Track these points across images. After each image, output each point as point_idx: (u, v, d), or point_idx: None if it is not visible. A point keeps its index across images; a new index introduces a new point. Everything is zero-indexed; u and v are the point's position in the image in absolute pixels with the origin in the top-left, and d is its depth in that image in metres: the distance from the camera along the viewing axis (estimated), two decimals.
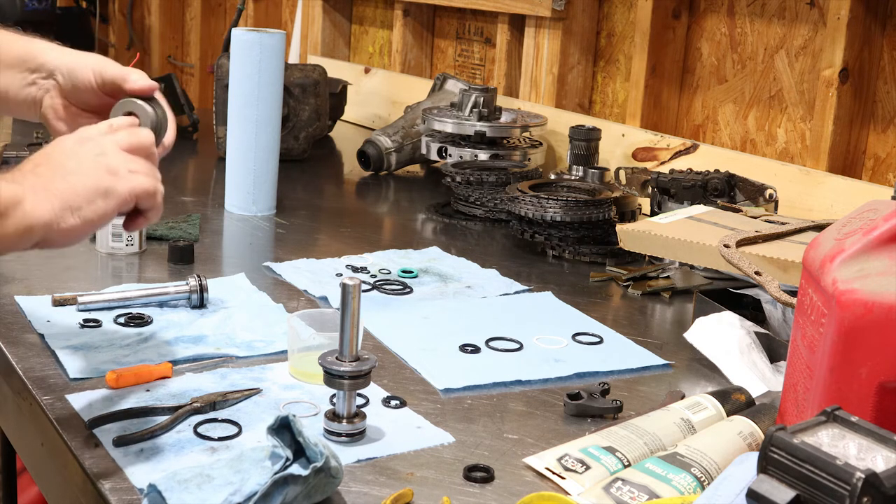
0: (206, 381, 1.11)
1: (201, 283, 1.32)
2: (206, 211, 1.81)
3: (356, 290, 0.97)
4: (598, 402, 1.10)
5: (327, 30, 3.09)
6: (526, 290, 1.49)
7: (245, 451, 0.89)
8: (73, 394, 1.06)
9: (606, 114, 2.29)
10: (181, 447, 0.96)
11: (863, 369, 0.89)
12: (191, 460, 0.94)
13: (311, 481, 0.85)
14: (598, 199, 1.68)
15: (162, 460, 0.94)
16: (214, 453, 0.96)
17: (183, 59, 4.17)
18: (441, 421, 1.06)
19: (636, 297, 1.51)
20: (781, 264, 1.28)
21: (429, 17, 2.79)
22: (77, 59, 1.15)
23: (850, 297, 0.89)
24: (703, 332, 1.26)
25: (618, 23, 2.25)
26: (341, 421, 1.00)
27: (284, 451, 0.86)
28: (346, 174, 2.33)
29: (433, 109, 2.18)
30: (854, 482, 0.69)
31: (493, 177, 1.88)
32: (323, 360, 0.99)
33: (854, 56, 1.74)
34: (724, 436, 0.98)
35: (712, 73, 2.08)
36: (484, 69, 2.64)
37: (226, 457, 0.91)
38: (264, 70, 1.77)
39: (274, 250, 1.66)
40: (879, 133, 1.79)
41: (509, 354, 1.25)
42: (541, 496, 0.85)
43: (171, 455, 0.95)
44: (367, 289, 1.44)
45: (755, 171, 1.80)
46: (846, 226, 0.96)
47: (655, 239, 1.43)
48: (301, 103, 2.27)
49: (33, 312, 1.26)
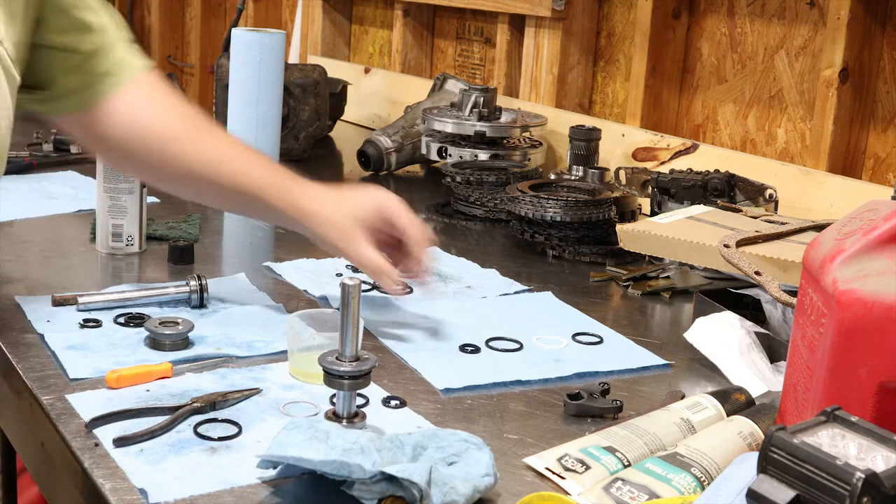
0: (206, 381, 1.11)
1: (201, 283, 1.32)
2: (206, 211, 1.81)
3: (356, 290, 0.97)
4: (598, 402, 1.10)
5: (327, 30, 3.09)
6: (526, 290, 1.49)
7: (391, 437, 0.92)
8: (73, 394, 1.06)
9: (606, 114, 2.29)
10: (181, 447, 0.96)
11: (863, 369, 0.89)
12: (191, 460, 0.94)
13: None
14: (598, 199, 1.68)
15: (162, 460, 0.94)
16: (214, 453, 0.96)
17: (183, 59, 4.17)
18: (441, 421, 1.06)
19: (636, 297, 1.51)
20: (781, 264, 1.28)
21: (429, 17, 2.79)
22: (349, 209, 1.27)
23: (850, 297, 0.89)
24: (703, 332, 1.26)
25: (618, 23, 2.25)
26: (341, 421, 1.00)
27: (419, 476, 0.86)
28: (346, 174, 2.33)
29: (433, 109, 2.18)
30: (854, 482, 0.69)
31: (493, 177, 1.88)
32: (323, 360, 0.99)
33: (854, 56, 1.74)
34: (724, 436, 0.98)
35: (712, 73, 2.08)
36: (484, 69, 2.64)
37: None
38: (264, 70, 1.77)
39: (274, 250, 1.66)
40: (879, 133, 1.79)
41: (509, 354, 1.25)
42: (541, 496, 0.85)
43: (171, 455, 0.95)
44: (367, 289, 1.44)
45: (755, 171, 1.80)
46: (846, 226, 0.96)
47: (655, 239, 1.43)
48: (301, 103, 2.27)
49: (33, 312, 1.26)
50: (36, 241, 1.58)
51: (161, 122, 1.31)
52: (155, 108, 1.31)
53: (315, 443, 0.88)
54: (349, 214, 1.26)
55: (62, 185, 1.90)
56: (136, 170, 1.43)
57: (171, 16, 4.17)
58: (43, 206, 1.76)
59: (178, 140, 1.30)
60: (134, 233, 1.53)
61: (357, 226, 1.25)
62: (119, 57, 1.29)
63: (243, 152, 1.33)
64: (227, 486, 0.90)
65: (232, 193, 1.31)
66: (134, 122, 1.29)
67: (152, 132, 1.30)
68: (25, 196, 1.80)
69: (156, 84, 1.33)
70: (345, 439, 0.89)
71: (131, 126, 1.29)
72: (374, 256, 1.25)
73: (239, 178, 1.30)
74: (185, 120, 1.32)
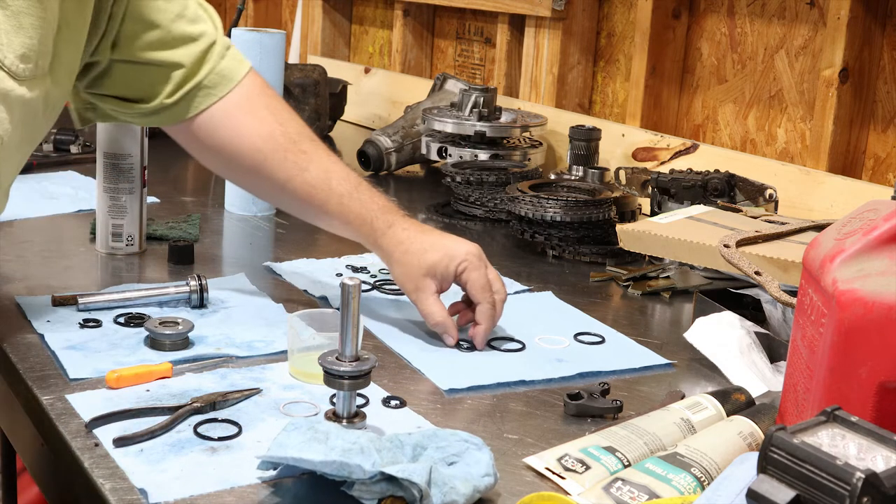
0: (206, 381, 1.11)
1: (201, 284, 1.32)
2: (206, 211, 1.81)
3: (356, 290, 0.97)
4: (598, 402, 1.10)
5: (327, 30, 3.09)
6: (526, 290, 1.49)
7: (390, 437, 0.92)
8: (73, 394, 1.06)
9: (606, 114, 2.29)
10: (181, 447, 0.96)
11: (863, 369, 0.89)
12: (191, 460, 0.94)
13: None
14: (598, 199, 1.68)
15: (162, 460, 0.94)
16: (214, 453, 0.96)
17: None
18: (441, 421, 1.06)
19: (636, 297, 1.51)
20: (781, 264, 1.28)
21: (429, 17, 2.79)
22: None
23: (850, 297, 0.89)
24: (703, 332, 1.26)
25: (618, 23, 2.25)
26: (341, 421, 1.00)
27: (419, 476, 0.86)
28: None
29: (433, 109, 2.18)
30: (854, 482, 0.69)
31: (493, 177, 1.88)
32: (323, 360, 0.99)
33: (854, 56, 1.74)
34: (724, 436, 0.98)
35: (712, 73, 2.08)
36: (484, 69, 2.64)
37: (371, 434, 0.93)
38: (264, 70, 1.76)
39: (274, 250, 1.66)
40: (879, 133, 1.79)
41: (512, 354, 1.25)
42: (541, 496, 0.85)
43: (171, 455, 0.95)
44: (367, 289, 1.44)
45: (755, 171, 1.80)
46: (846, 226, 0.96)
47: (655, 239, 1.43)
48: (301, 103, 2.27)
49: (33, 312, 1.26)
50: (36, 241, 1.58)
51: (254, 138, 1.31)
52: (250, 124, 1.31)
53: (315, 444, 0.88)
54: (423, 265, 1.27)
55: (62, 185, 1.90)
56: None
57: None
58: (43, 206, 1.76)
59: (268, 160, 1.31)
60: (134, 233, 1.53)
61: (427, 277, 1.27)
62: (217, 66, 1.30)
63: (336, 177, 1.32)
64: (227, 486, 0.90)
65: (324, 219, 1.34)
66: (231, 135, 1.30)
67: (245, 147, 1.31)
68: (25, 196, 1.80)
69: (254, 92, 1.34)
70: (344, 440, 0.89)
71: (230, 139, 1.31)
72: (436, 311, 1.26)
73: (330, 207, 1.31)
74: (280, 137, 1.32)
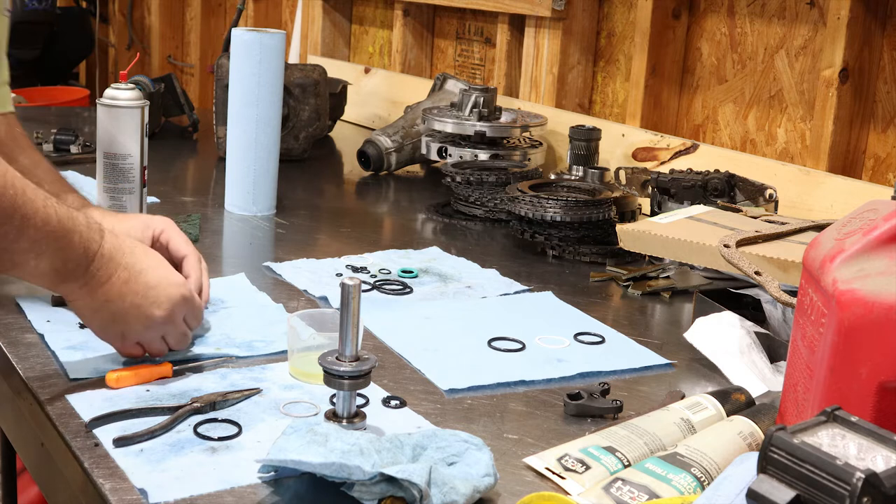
0: (206, 381, 1.11)
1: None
2: (206, 211, 1.81)
3: (356, 290, 0.97)
4: (598, 402, 1.10)
5: (327, 30, 3.09)
6: (526, 290, 1.49)
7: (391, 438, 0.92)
8: (73, 394, 1.06)
9: (606, 114, 2.29)
10: (181, 447, 0.96)
11: (863, 369, 0.89)
12: (191, 460, 0.94)
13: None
14: (598, 199, 1.68)
15: (162, 460, 0.94)
16: (214, 453, 0.96)
17: (183, 59, 4.17)
18: (441, 421, 1.06)
19: (636, 297, 1.51)
20: (781, 264, 1.28)
21: (429, 17, 2.79)
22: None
23: (850, 297, 0.89)
24: (703, 332, 1.26)
25: (618, 23, 2.25)
26: (341, 421, 1.00)
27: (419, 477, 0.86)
28: (346, 174, 2.34)
29: (433, 109, 2.18)
30: (854, 482, 0.69)
31: (493, 177, 1.88)
32: (323, 360, 0.99)
33: (854, 56, 1.74)
34: (724, 436, 0.98)
35: (712, 73, 2.08)
36: (484, 69, 2.64)
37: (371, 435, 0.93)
38: (264, 70, 1.77)
39: (274, 250, 1.66)
40: (879, 133, 1.79)
41: (512, 355, 1.25)
42: (541, 496, 0.85)
43: (171, 455, 0.95)
44: (367, 289, 1.44)
45: (755, 171, 1.80)
46: (846, 226, 0.96)
47: (655, 239, 1.43)
48: (301, 103, 2.27)
49: (33, 312, 1.26)
50: None
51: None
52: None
53: (314, 446, 0.88)
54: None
55: None
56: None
57: (171, 16, 4.17)
58: None
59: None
60: None
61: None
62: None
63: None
64: (227, 486, 0.90)
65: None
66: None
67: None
68: None
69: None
70: (344, 441, 0.89)
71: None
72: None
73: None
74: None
